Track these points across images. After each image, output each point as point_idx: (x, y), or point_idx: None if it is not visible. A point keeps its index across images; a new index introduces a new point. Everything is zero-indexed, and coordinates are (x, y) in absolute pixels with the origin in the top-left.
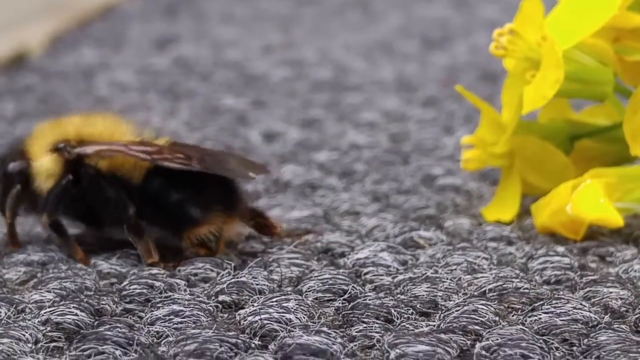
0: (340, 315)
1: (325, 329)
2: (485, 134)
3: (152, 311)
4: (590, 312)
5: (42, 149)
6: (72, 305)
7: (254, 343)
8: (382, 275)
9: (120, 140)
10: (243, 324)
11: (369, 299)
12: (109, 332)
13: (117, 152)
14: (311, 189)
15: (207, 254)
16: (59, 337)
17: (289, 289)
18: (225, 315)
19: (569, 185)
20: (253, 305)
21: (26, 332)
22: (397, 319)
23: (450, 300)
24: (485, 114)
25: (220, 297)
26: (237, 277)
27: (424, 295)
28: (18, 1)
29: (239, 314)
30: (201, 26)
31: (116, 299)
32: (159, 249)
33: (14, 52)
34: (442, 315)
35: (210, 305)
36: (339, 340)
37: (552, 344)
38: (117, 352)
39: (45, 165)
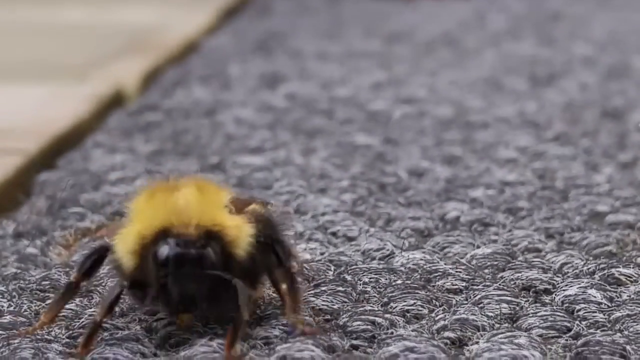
0: (573, 352)
1: None
2: None
3: (384, 347)
4: None
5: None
6: (308, 342)
7: None
8: (594, 312)
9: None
10: None
11: (598, 336)
12: None
13: None
14: (483, 226)
15: None
16: None
17: (507, 325)
18: (452, 351)
19: None
20: (481, 341)
21: None
22: (632, 355)
23: None
24: None
25: (445, 334)
26: (456, 314)
27: None
28: (96, 41)
29: (470, 350)
30: (300, 64)
31: (341, 336)
32: None
33: (111, 91)
34: None
35: (439, 342)
36: None
37: None
38: None
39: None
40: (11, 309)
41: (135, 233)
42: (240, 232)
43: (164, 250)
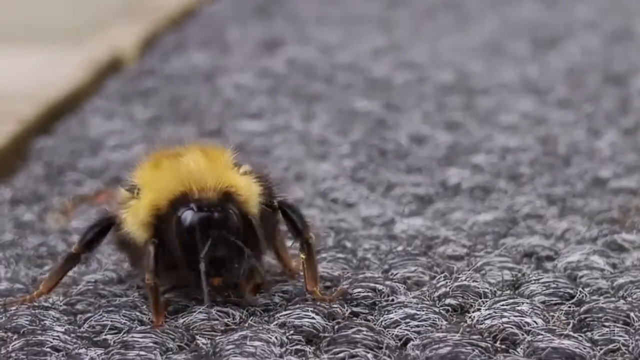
0: (576, 319)
1: (572, 332)
2: None
3: (386, 314)
4: None
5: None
6: (308, 308)
7: (498, 347)
8: (597, 278)
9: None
10: (479, 327)
11: (601, 303)
12: (357, 336)
13: None
14: (483, 192)
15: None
16: (300, 340)
17: (509, 292)
18: (454, 318)
19: None
20: (483, 308)
21: (272, 335)
22: (635, 322)
23: None
24: None
25: (447, 300)
26: (457, 281)
27: None
28: (93, 5)
29: (471, 317)
30: (300, 29)
31: (342, 303)
32: None
33: (109, 56)
34: None
35: (440, 309)
36: (587, 344)
37: None
38: (369, 355)
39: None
40: (8, 275)
41: (147, 204)
42: (251, 191)
43: (187, 215)
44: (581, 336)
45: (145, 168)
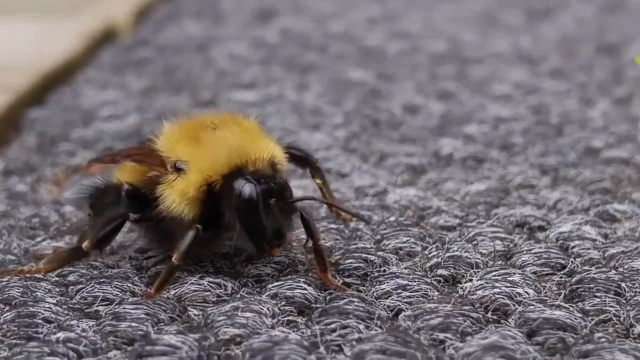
0: (567, 289)
1: (563, 303)
2: None
3: (377, 285)
4: None
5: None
6: (300, 279)
7: (489, 317)
8: (589, 248)
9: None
10: (471, 298)
11: (593, 273)
12: (349, 307)
13: None
14: (476, 162)
15: None
16: (292, 311)
17: (501, 262)
18: (446, 289)
19: None
20: (474, 279)
21: (264, 306)
22: (626, 292)
23: None
24: None
25: (439, 271)
26: (449, 252)
27: None
28: None
29: (463, 288)
30: None
31: (334, 273)
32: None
33: (103, 26)
34: None
35: (432, 279)
36: (579, 314)
37: None
38: (361, 326)
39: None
40: (0, 246)
41: (197, 180)
42: (282, 156)
43: (248, 188)
44: (572, 307)
45: (183, 143)
